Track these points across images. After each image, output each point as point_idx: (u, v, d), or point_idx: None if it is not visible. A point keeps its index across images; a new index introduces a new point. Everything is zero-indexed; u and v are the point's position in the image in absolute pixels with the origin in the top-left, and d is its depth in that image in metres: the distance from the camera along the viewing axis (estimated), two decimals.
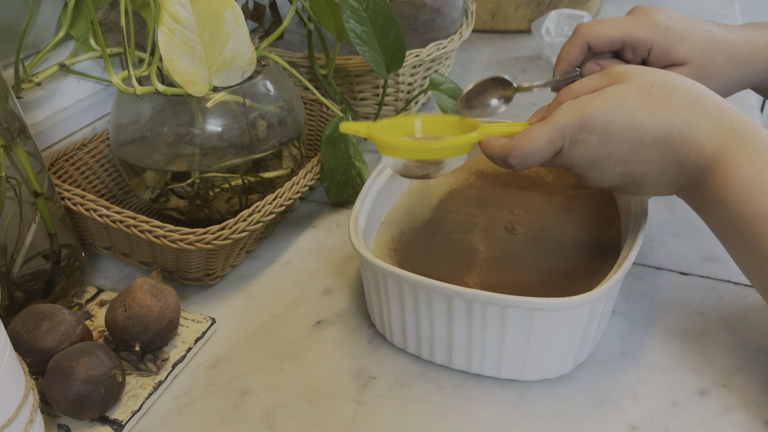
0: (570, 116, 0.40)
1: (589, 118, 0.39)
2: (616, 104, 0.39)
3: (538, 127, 0.41)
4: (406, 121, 0.48)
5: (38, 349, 0.43)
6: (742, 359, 0.45)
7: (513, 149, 0.41)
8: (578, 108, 0.40)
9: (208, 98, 0.53)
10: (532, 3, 1.04)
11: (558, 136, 0.40)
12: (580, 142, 0.40)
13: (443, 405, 0.43)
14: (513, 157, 0.41)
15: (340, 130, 0.47)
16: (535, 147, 0.40)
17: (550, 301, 0.39)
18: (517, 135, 0.41)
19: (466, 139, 0.43)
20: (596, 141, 0.39)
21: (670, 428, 0.41)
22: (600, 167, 0.41)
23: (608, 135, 0.39)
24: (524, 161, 0.41)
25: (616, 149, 0.40)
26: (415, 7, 0.80)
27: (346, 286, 0.54)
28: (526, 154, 0.41)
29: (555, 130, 0.40)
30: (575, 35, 0.50)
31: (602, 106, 0.39)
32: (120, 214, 0.50)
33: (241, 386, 0.46)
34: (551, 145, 0.40)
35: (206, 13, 0.49)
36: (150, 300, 0.45)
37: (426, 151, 0.43)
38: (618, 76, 0.41)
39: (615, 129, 0.39)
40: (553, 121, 0.40)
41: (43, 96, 0.62)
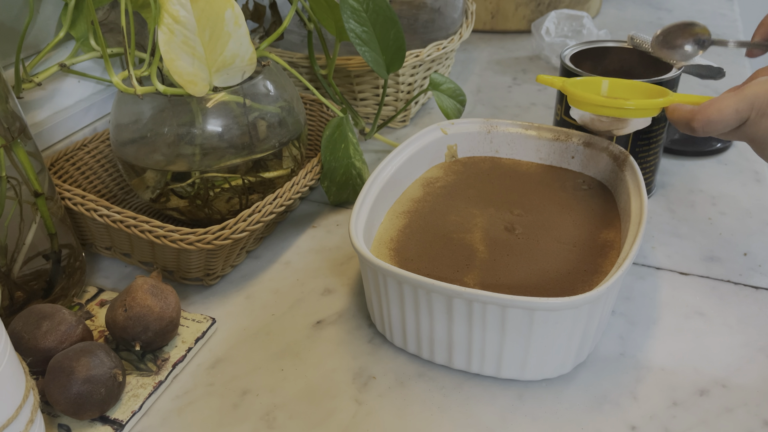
0: (762, 89, 0.41)
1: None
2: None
3: (727, 96, 0.42)
4: (595, 81, 0.53)
5: (38, 349, 0.43)
6: (742, 359, 0.45)
7: (699, 113, 0.43)
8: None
9: (208, 98, 0.53)
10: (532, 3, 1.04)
11: (746, 106, 0.41)
12: (766, 115, 0.41)
13: (443, 405, 0.43)
14: (698, 121, 0.43)
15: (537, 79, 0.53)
16: (722, 113, 0.42)
17: (550, 301, 0.39)
18: (706, 102, 0.43)
19: (655, 102, 0.47)
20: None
21: (670, 428, 0.41)
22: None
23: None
24: (708, 126, 0.43)
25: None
26: (415, 7, 0.80)
27: (346, 286, 0.54)
28: (711, 119, 0.42)
29: (744, 100, 0.41)
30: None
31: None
32: (120, 214, 0.50)
33: (241, 386, 0.46)
34: (738, 114, 0.42)
35: (206, 14, 0.49)
36: (150, 300, 0.45)
37: (616, 109, 0.47)
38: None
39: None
40: (744, 92, 0.41)
41: (43, 96, 0.62)
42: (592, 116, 0.50)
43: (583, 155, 0.57)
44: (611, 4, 1.16)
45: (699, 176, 0.66)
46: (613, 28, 1.05)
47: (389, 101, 0.77)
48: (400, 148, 0.56)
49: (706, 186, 0.64)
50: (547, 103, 0.83)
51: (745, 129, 0.43)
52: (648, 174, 0.61)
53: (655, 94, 0.50)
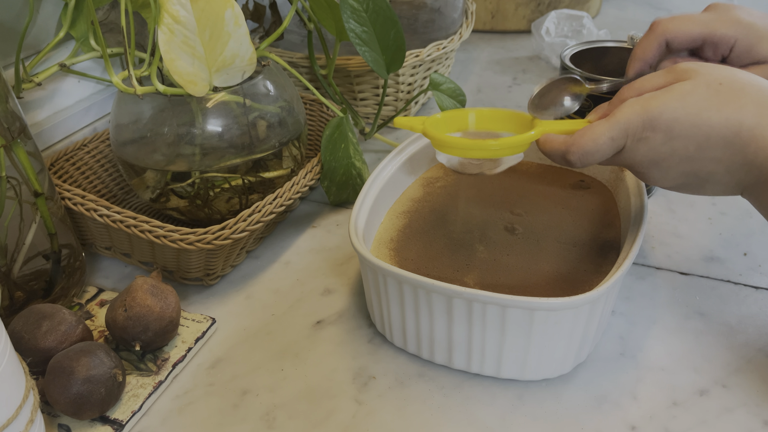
0: (634, 113, 0.39)
1: (654, 114, 0.38)
2: (683, 101, 0.38)
3: (600, 124, 0.40)
4: (460, 114, 0.48)
5: (38, 349, 0.43)
6: (742, 359, 0.45)
7: (573, 146, 0.40)
8: (642, 105, 0.39)
9: (208, 98, 0.53)
10: (532, 3, 1.04)
11: (621, 134, 0.39)
12: (643, 140, 0.39)
13: (443, 405, 0.43)
14: (573, 153, 0.41)
15: (394, 124, 0.48)
16: (597, 144, 0.40)
17: (550, 301, 0.39)
18: (578, 132, 0.41)
19: (524, 138, 0.43)
20: (661, 139, 0.39)
21: (670, 428, 0.41)
22: (663, 165, 0.40)
23: (674, 133, 0.38)
24: (585, 158, 0.40)
25: (681, 147, 0.39)
26: (415, 8, 0.80)
27: (346, 286, 0.54)
28: (587, 151, 0.40)
29: (618, 127, 0.39)
30: (652, 32, 0.48)
31: (668, 103, 0.38)
32: (120, 214, 0.50)
33: (241, 386, 0.46)
34: (614, 143, 0.40)
35: (206, 14, 0.49)
36: (150, 300, 0.45)
37: (483, 150, 0.43)
38: (684, 72, 0.40)
39: (681, 127, 0.38)
40: (616, 118, 0.39)
41: (43, 96, 0.62)
42: (461, 159, 0.45)
43: None
44: (611, 4, 1.16)
45: None
46: (613, 28, 1.05)
47: (389, 101, 0.77)
48: (400, 148, 0.56)
49: None
50: None
51: (624, 155, 0.40)
52: None
53: (523, 123, 0.45)
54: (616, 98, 0.42)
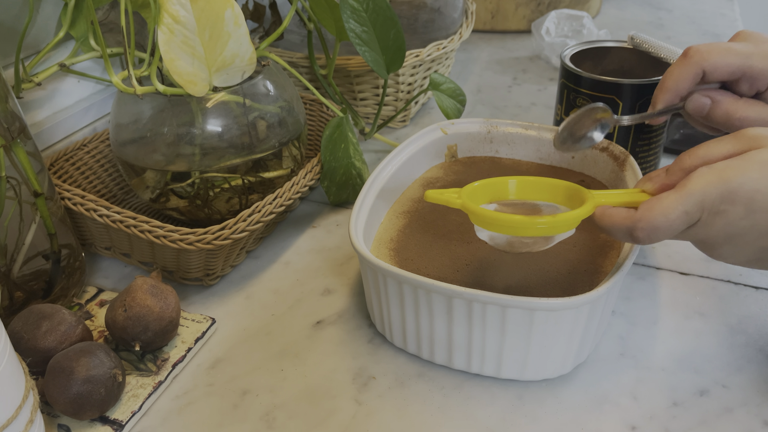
0: (710, 184, 0.35)
1: (733, 186, 0.35)
2: (763, 171, 0.35)
3: (669, 196, 0.36)
4: (499, 182, 0.43)
5: (38, 349, 0.43)
6: (742, 359, 0.45)
7: (641, 221, 0.37)
8: (719, 175, 0.35)
9: (208, 98, 0.53)
10: (532, 3, 1.04)
11: (696, 207, 0.36)
12: (721, 214, 0.36)
13: (443, 405, 0.43)
14: (641, 230, 0.37)
15: (425, 198, 0.43)
16: (668, 218, 0.36)
17: (550, 301, 0.39)
18: (645, 204, 0.37)
19: (578, 213, 0.39)
20: (740, 213, 0.35)
21: (670, 428, 0.41)
22: (740, 241, 0.37)
23: (755, 206, 0.35)
24: (654, 234, 0.37)
25: (763, 221, 0.35)
26: (415, 7, 0.80)
27: (346, 286, 0.54)
28: (656, 226, 0.36)
29: (692, 200, 0.35)
30: (688, 60, 0.44)
31: (748, 173, 0.35)
32: (120, 214, 0.50)
33: (241, 386, 0.46)
34: (687, 217, 0.36)
35: (206, 13, 0.49)
36: (150, 300, 0.45)
37: (535, 229, 0.39)
38: (756, 140, 0.36)
39: (764, 199, 0.35)
40: (689, 189, 0.36)
41: (43, 96, 0.62)
42: (510, 238, 0.41)
43: (583, 155, 0.57)
44: (611, 4, 1.16)
45: None
46: (613, 28, 1.05)
47: (389, 101, 0.77)
48: (400, 148, 0.56)
49: None
50: (547, 103, 0.83)
51: (697, 230, 0.37)
52: None
53: (571, 193, 0.42)
54: (675, 166, 0.39)
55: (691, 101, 0.45)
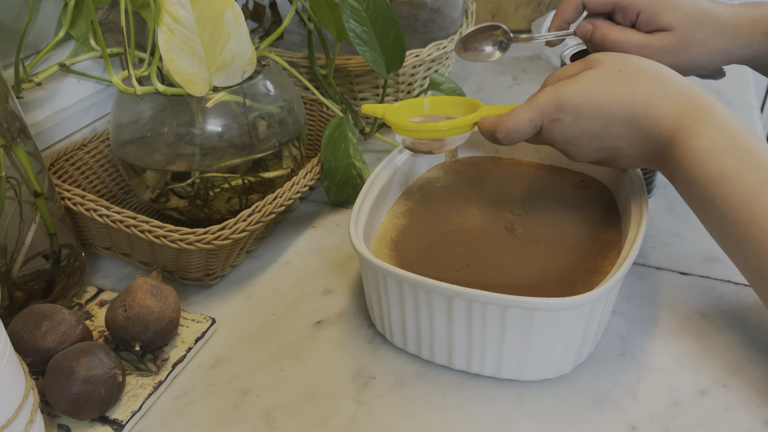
0: (547, 98, 0.45)
1: (563, 99, 0.44)
2: (586, 87, 0.44)
3: (521, 107, 0.46)
4: (417, 102, 0.54)
5: (38, 349, 0.43)
6: (742, 359, 0.45)
7: (499, 125, 0.47)
8: (555, 90, 0.45)
9: (208, 98, 0.53)
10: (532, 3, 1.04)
11: (537, 115, 0.45)
12: (556, 121, 0.45)
13: (443, 405, 0.43)
14: (499, 132, 0.47)
15: (361, 110, 0.54)
16: (518, 124, 0.46)
17: (550, 301, 0.39)
18: (504, 114, 0.47)
19: (465, 120, 0.49)
20: (570, 120, 0.44)
21: (670, 428, 0.41)
22: (577, 143, 0.46)
23: (580, 114, 0.44)
24: (509, 136, 0.46)
25: (588, 126, 0.44)
26: (415, 7, 0.80)
27: (346, 286, 0.54)
28: (510, 129, 0.46)
29: (534, 110, 0.45)
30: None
31: (575, 88, 0.44)
32: (120, 214, 0.50)
33: (241, 386, 0.46)
34: (532, 123, 0.46)
35: (206, 13, 0.49)
36: (150, 300, 0.45)
37: (428, 132, 0.50)
38: (592, 62, 0.46)
39: (585, 109, 0.44)
40: (534, 102, 0.45)
41: (43, 96, 0.62)
42: (413, 140, 0.51)
43: None
44: None
45: None
46: None
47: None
48: (401, 148, 0.56)
49: None
50: None
51: (543, 135, 0.46)
52: (648, 174, 0.61)
53: (470, 108, 0.51)
54: (542, 86, 0.48)
55: (578, 27, 0.55)
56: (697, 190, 0.42)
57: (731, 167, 0.40)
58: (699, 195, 0.42)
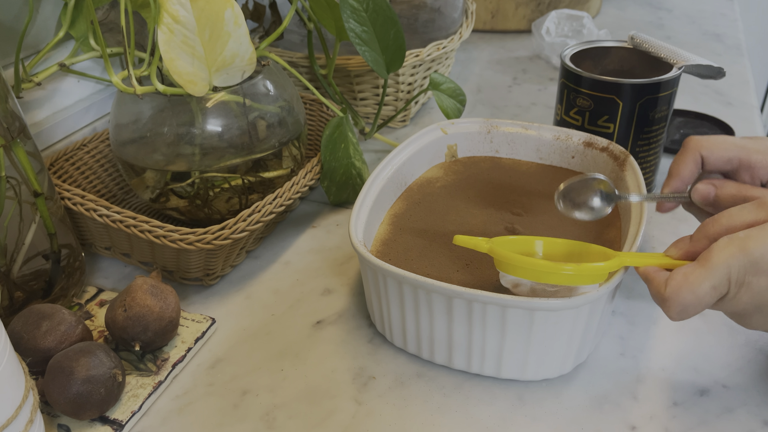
0: (732, 256, 0.35)
1: (755, 257, 0.35)
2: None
3: (695, 272, 0.36)
4: (526, 240, 0.44)
5: (38, 349, 0.43)
6: (742, 359, 0.45)
7: (669, 300, 0.37)
8: (740, 246, 0.35)
9: (208, 98, 0.53)
10: (532, 3, 1.04)
11: (722, 281, 0.36)
12: (746, 285, 0.36)
13: (443, 405, 0.43)
14: (671, 309, 0.37)
15: (454, 242, 0.44)
16: (698, 296, 0.36)
17: (550, 301, 0.39)
18: (672, 281, 0.37)
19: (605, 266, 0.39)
20: (765, 283, 0.35)
21: (670, 428, 0.41)
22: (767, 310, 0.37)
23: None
24: (686, 311, 0.37)
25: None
26: (415, 7, 0.80)
27: (346, 286, 0.54)
28: (688, 304, 0.36)
29: (718, 274, 0.35)
30: (687, 148, 0.45)
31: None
32: (120, 214, 0.50)
33: (241, 386, 0.46)
34: (715, 291, 0.36)
35: (206, 13, 0.49)
36: (150, 300, 0.45)
37: (560, 276, 0.39)
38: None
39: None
40: (713, 263, 0.36)
41: (43, 96, 0.62)
42: (533, 284, 0.42)
43: (583, 155, 0.57)
44: (611, 4, 1.16)
45: None
46: (613, 28, 1.05)
47: (389, 101, 0.77)
48: (400, 148, 0.56)
49: None
50: (547, 103, 0.83)
51: (725, 304, 0.37)
52: (648, 174, 0.61)
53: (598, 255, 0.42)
54: (699, 233, 0.39)
55: (695, 191, 0.45)
56: None
57: None
58: None
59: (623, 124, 0.57)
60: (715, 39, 1.00)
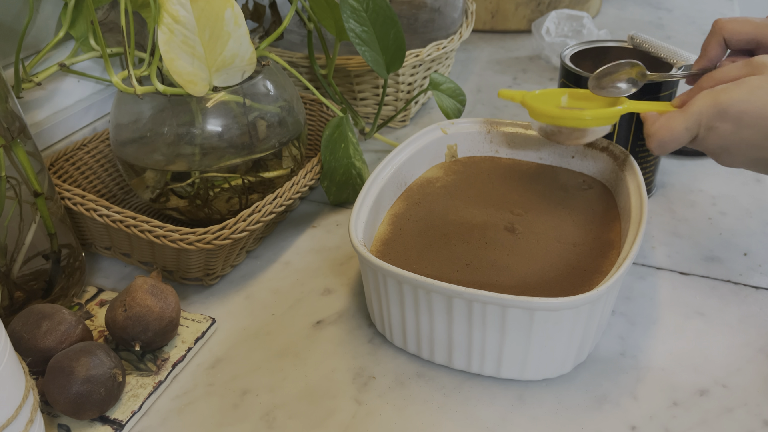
0: (706, 105, 0.42)
1: (724, 107, 0.41)
2: (752, 94, 0.41)
3: (675, 115, 0.44)
4: (555, 93, 0.54)
5: (38, 349, 0.43)
6: (742, 359, 0.45)
7: (653, 136, 0.45)
8: (714, 97, 0.42)
9: (208, 98, 0.53)
10: (532, 3, 1.04)
11: (694, 124, 0.43)
12: (713, 129, 0.42)
13: (443, 405, 0.43)
14: (651, 141, 0.45)
15: (498, 95, 0.55)
16: (673, 134, 0.44)
17: (550, 301, 0.39)
18: (657, 122, 0.45)
19: (610, 111, 0.49)
20: (730, 129, 0.42)
21: (670, 428, 0.41)
22: (733, 152, 0.43)
23: (742, 123, 0.41)
24: (663, 147, 0.45)
25: (749, 136, 0.42)
26: (415, 7, 0.80)
27: (346, 286, 0.54)
28: (664, 140, 0.44)
29: (691, 118, 0.43)
30: (713, 31, 0.50)
31: (737, 96, 0.41)
32: (120, 214, 0.50)
33: (241, 386, 0.46)
34: (688, 132, 0.43)
35: (206, 13, 0.49)
36: (150, 300, 0.45)
37: (574, 120, 0.49)
38: (758, 67, 0.43)
39: (749, 118, 0.41)
40: (690, 109, 0.43)
41: (43, 96, 0.62)
42: (551, 127, 0.51)
43: (583, 155, 0.57)
44: (611, 4, 1.16)
45: (699, 176, 0.66)
46: (613, 28, 1.05)
47: (389, 101, 0.77)
48: (400, 148, 0.56)
49: (706, 186, 0.64)
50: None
51: (697, 142, 0.44)
52: (648, 174, 0.61)
53: (612, 102, 0.51)
54: (696, 86, 0.46)
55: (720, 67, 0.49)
56: None
57: None
58: None
59: (623, 124, 0.57)
60: None
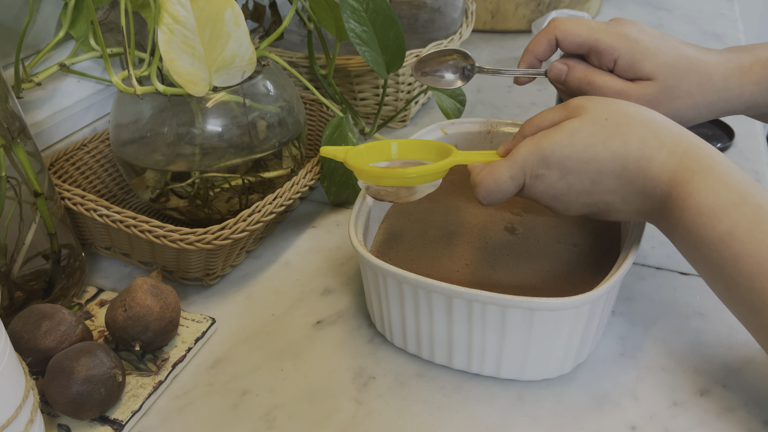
0: (529, 152, 0.40)
1: (546, 153, 0.40)
2: (571, 138, 0.40)
3: (500, 164, 0.41)
4: (383, 145, 0.48)
5: (38, 349, 0.43)
6: (742, 359, 0.45)
7: (478, 186, 0.42)
8: (536, 143, 0.40)
9: (208, 98, 0.53)
10: (532, 3, 1.04)
11: (519, 173, 0.41)
12: (539, 177, 0.41)
13: (443, 405, 0.43)
14: (478, 192, 0.42)
15: (320, 153, 0.49)
16: (498, 184, 0.41)
17: (550, 301, 0.39)
18: (482, 172, 0.42)
19: (436, 167, 0.43)
20: (556, 175, 0.40)
21: (670, 428, 0.41)
22: (563, 199, 0.41)
23: (566, 169, 0.40)
24: (489, 197, 0.42)
25: (576, 182, 0.40)
26: (415, 7, 0.80)
27: (346, 286, 0.54)
28: (490, 191, 0.42)
29: (515, 166, 0.41)
30: (546, 28, 0.49)
31: (559, 141, 0.40)
32: (120, 214, 0.50)
33: (241, 386, 0.46)
34: (514, 181, 0.41)
35: (206, 13, 0.49)
36: (150, 300, 0.45)
37: (395, 179, 0.44)
38: (575, 109, 0.41)
39: (572, 163, 0.40)
40: (514, 157, 0.41)
41: (43, 96, 0.62)
42: (376, 187, 0.46)
43: None
44: (611, 4, 1.16)
45: None
46: None
47: (389, 101, 0.77)
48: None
49: None
50: (547, 103, 0.83)
51: (526, 192, 0.42)
52: None
53: (442, 153, 0.46)
54: (519, 134, 0.44)
55: (551, 68, 0.49)
56: (703, 251, 0.38)
57: (740, 226, 0.36)
58: (705, 256, 0.38)
59: None
60: (715, 39, 1.00)
